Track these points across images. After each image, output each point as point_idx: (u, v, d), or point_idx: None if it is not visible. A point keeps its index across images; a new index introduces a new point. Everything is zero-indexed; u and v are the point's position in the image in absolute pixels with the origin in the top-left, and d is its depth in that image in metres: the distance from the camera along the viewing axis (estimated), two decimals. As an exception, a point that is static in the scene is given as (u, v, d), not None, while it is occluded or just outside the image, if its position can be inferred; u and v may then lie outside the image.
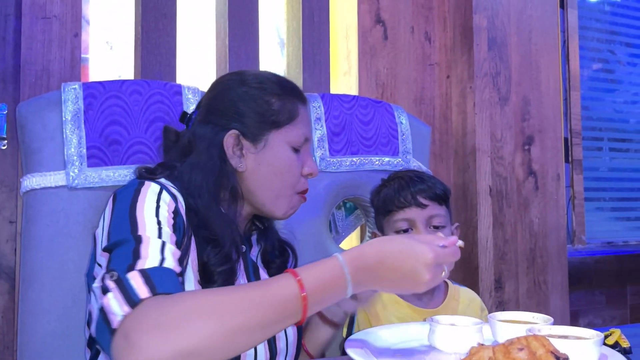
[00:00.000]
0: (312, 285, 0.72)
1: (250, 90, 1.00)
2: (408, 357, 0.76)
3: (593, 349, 0.69)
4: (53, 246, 1.10)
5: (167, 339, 0.65)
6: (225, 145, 0.98)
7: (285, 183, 0.99)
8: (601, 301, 2.40)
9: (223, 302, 0.68)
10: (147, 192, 0.88)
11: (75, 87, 1.16)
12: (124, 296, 0.70)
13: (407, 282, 0.75)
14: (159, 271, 0.75)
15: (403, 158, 1.55)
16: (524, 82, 2.07)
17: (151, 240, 0.79)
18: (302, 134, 1.00)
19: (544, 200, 2.08)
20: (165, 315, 0.67)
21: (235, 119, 0.99)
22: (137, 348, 0.64)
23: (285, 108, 0.99)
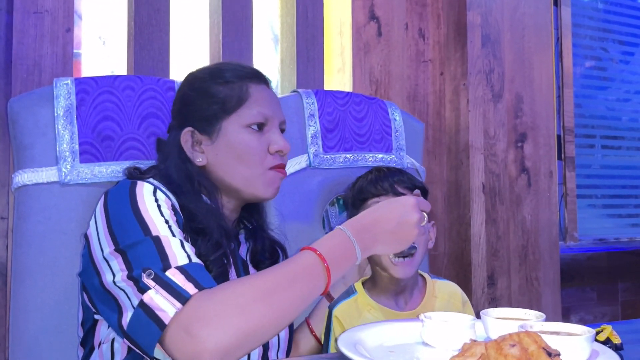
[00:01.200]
0: (330, 256, 0.80)
1: (197, 86, 1.03)
2: (401, 354, 0.76)
3: (585, 345, 0.70)
4: (45, 243, 1.10)
5: (228, 325, 0.72)
6: (183, 144, 1.01)
7: (249, 164, 0.99)
8: (592, 297, 2.42)
9: (266, 283, 0.77)
10: (142, 191, 0.89)
11: (68, 83, 1.15)
12: (171, 293, 0.75)
13: (401, 229, 0.86)
14: (193, 267, 0.80)
15: (396, 155, 1.55)
16: (517, 79, 2.08)
17: (170, 239, 0.82)
18: (257, 112, 0.99)
19: (537, 197, 2.09)
20: (222, 304, 0.73)
21: (188, 117, 1.02)
22: (201, 337, 0.71)
23: (233, 93, 1.00)
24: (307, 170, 1.43)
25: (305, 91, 1.47)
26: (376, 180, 1.11)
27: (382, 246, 0.87)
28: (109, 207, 0.88)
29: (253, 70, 1.06)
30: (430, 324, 0.78)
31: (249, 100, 1.00)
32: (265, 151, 1.00)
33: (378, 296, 1.09)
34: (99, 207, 0.90)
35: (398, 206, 0.87)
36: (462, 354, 0.68)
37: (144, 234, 0.82)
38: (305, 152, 1.43)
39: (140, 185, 0.90)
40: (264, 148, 1.00)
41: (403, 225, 0.86)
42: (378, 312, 1.08)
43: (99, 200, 0.92)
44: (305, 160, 1.42)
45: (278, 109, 1.04)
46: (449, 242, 2.02)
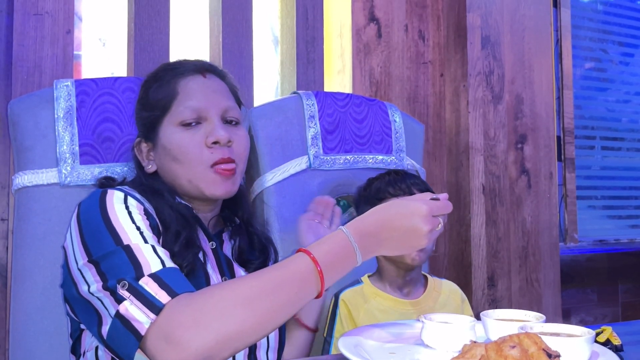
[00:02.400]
0: (326, 260, 0.77)
1: (140, 94, 1.04)
2: (401, 356, 0.76)
3: (585, 347, 0.70)
4: (45, 244, 1.10)
5: (210, 329, 0.70)
6: (137, 154, 1.02)
7: (187, 164, 0.94)
8: (593, 299, 2.41)
9: (249, 289, 0.74)
10: (113, 200, 0.88)
11: (68, 84, 1.15)
12: (145, 303, 0.74)
13: (409, 238, 0.80)
14: (167, 272, 0.78)
15: (397, 156, 1.55)
16: (517, 80, 2.08)
17: (141, 247, 0.81)
18: (186, 107, 0.95)
19: (537, 198, 2.09)
20: (200, 310, 0.72)
21: (138, 126, 1.04)
22: (182, 344, 0.70)
23: (161, 93, 0.97)
24: (307, 171, 1.43)
25: (305, 93, 1.47)
26: (394, 182, 1.19)
27: (385, 251, 0.83)
28: (81, 218, 0.87)
29: (188, 63, 1.01)
30: (430, 326, 0.78)
31: (178, 97, 0.96)
32: (201, 146, 0.94)
33: (383, 287, 1.18)
34: (73, 218, 0.89)
35: (408, 214, 0.80)
36: (462, 356, 0.68)
37: (115, 243, 0.81)
38: (306, 153, 1.43)
39: (111, 194, 0.89)
40: (199, 143, 0.94)
41: (411, 235, 0.80)
42: (383, 299, 1.16)
43: (73, 211, 0.91)
44: (305, 161, 1.42)
45: (217, 97, 0.97)
46: (449, 244, 2.02)
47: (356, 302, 1.14)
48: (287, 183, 1.40)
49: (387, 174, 1.24)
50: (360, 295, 1.16)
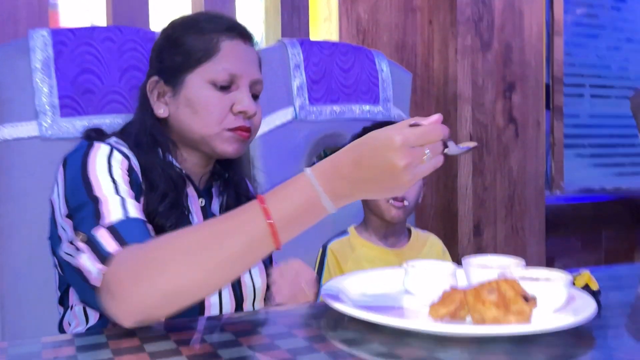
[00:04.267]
0: (282, 211, 0.68)
1: (169, 34, 0.99)
2: (384, 302, 0.78)
3: (561, 290, 0.71)
4: (29, 198, 1.09)
5: (150, 283, 0.67)
6: (148, 93, 0.98)
7: (207, 122, 0.93)
8: (577, 246, 2.47)
9: (196, 240, 0.70)
10: (96, 153, 0.87)
11: (44, 34, 1.12)
12: (96, 253, 0.73)
13: (384, 178, 0.67)
14: (125, 223, 0.76)
15: (383, 106, 1.53)
16: (506, 27, 2.04)
17: (109, 198, 0.80)
18: (223, 69, 0.93)
19: (524, 147, 2.10)
20: (142, 261, 0.69)
21: (156, 66, 0.99)
22: (123, 299, 0.68)
23: (201, 45, 0.94)
24: (293, 123, 1.41)
25: (290, 41, 1.44)
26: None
27: (361, 194, 0.70)
28: (66, 171, 0.87)
29: (231, 23, 0.99)
30: (412, 272, 0.80)
31: (218, 55, 0.94)
32: (226, 110, 0.94)
33: (369, 237, 1.22)
34: (59, 171, 0.89)
35: (380, 147, 0.67)
36: (442, 301, 0.69)
37: (87, 196, 0.80)
38: (291, 104, 1.41)
39: (96, 148, 0.88)
40: (225, 107, 0.94)
41: (386, 173, 0.67)
42: (369, 249, 1.20)
43: (58, 164, 0.90)
44: (291, 112, 1.41)
45: (251, 68, 0.97)
46: (436, 194, 2.03)
47: (344, 252, 1.17)
48: (273, 135, 1.38)
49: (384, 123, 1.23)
50: (347, 245, 1.19)
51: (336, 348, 0.63)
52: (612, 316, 0.77)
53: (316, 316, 0.76)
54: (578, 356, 0.61)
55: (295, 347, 0.63)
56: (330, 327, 0.70)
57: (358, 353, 0.61)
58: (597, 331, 0.69)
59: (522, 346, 0.62)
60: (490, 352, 0.61)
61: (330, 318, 0.73)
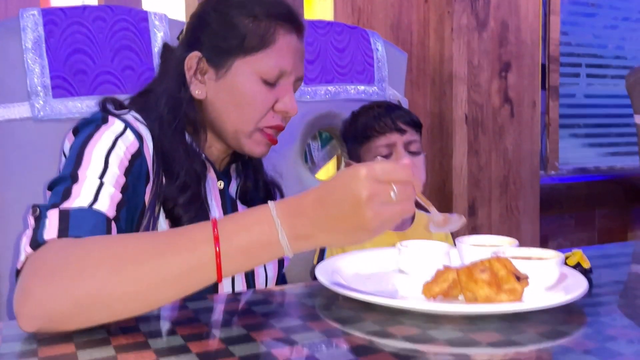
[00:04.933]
0: (233, 239, 0.61)
1: (224, 9, 0.90)
2: (377, 281, 0.79)
3: (553, 269, 0.72)
4: (23, 179, 1.09)
5: (63, 287, 0.59)
6: (186, 68, 0.90)
7: (245, 117, 0.89)
8: (570, 224, 2.48)
9: (129, 248, 0.61)
10: (105, 130, 0.82)
11: (34, 14, 1.10)
12: (33, 235, 0.66)
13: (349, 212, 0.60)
14: (82, 212, 0.70)
15: (379, 86, 1.53)
16: (502, 6, 2.03)
17: (88, 180, 0.74)
18: (276, 65, 0.88)
19: (519, 127, 2.10)
20: (64, 260, 0.61)
21: (202, 40, 0.90)
22: (32, 297, 0.59)
23: (258, 32, 0.87)
24: (287, 102, 1.41)
25: (284, 21, 1.43)
26: (379, 117, 1.19)
27: (326, 236, 0.62)
28: (73, 143, 0.83)
29: (289, 12, 0.91)
30: (405, 252, 0.80)
31: (272, 47, 0.88)
32: (268, 108, 0.89)
33: None
34: (67, 142, 0.86)
35: (344, 179, 0.61)
36: (435, 280, 0.70)
37: (70, 172, 0.75)
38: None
39: (109, 124, 0.83)
40: (268, 104, 0.89)
41: (349, 208, 0.60)
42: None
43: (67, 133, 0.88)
44: (285, 92, 1.40)
45: (300, 64, 0.92)
46: (431, 173, 2.04)
47: None
48: (268, 115, 1.38)
49: (370, 107, 1.24)
50: None
51: (330, 327, 0.63)
52: (604, 294, 0.78)
53: (310, 295, 0.77)
54: (569, 333, 0.61)
55: (289, 325, 0.64)
56: (324, 306, 0.71)
57: (352, 332, 0.62)
58: (588, 309, 0.70)
59: (514, 324, 0.63)
60: (482, 329, 0.61)
61: (324, 297, 0.74)
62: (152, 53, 1.17)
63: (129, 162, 0.81)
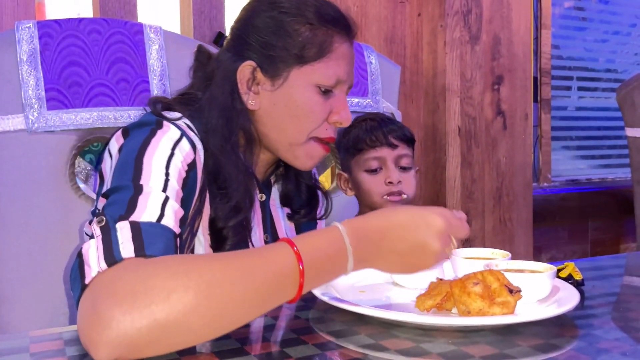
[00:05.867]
0: (310, 258, 0.62)
1: (277, 15, 0.85)
2: (371, 294, 0.79)
3: (546, 282, 0.73)
4: (16, 192, 1.08)
5: (148, 313, 0.54)
6: (239, 78, 0.86)
7: (302, 128, 0.86)
8: (564, 236, 2.49)
9: (214, 270, 0.59)
10: (163, 137, 0.77)
11: (30, 26, 1.11)
12: (105, 249, 0.62)
13: (415, 254, 0.67)
14: (153, 228, 0.65)
15: (372, 99, 1.54)
16: (495, 20, 2.05)
17: (153, 192, 0.69)
18: (333, 73, 0.85)
19: (512, 139, 2.11)
20: (147, 283, 0.56)
21: (255, 48, 0.86)
22: (113, 325, 0.54)
23: (316, 41, 0.84)
24: (282, 115, 1.41)
25: (278, 34, 1.44)
26: (371, 130, 1.19)
27: (384, 265, 0.69)
28: (124, 145, 0.78)
29: (345, 19, 0.88)
30: (399, 265, 0.80)
31: (329, 56, 0.85)
32: (324, 118, 0.86)
33: None
34: (115, 143, 0.81)
35: (422, 225, 0.66)
36: (429, 293, 0.70)
37: (131, 180, 0.70)
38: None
39: (165, 129, 0.79)
40: (324, 114, 0.86)
41: (419, 251, 0.67)
42: None
43: (114, 134, 0.83)
44: (279, 105, 1.40)
45: (352, 71, 0.89)
46: (425, 186, 2.04)
47: None
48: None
49: (363, 120, 1.24)
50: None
51: (324, 340, 0.63)
52: (596, 306, 0.78)
53: (304, 308, 0.77)
54: (562, 346, 0.62)
55: (282, 339, 0.64)
56: (318, 319, 0.71)
57: (345, 345, 0.62)
58: (581, 321, 0.70)
59: (506, 337, 0.63)
60: (475, 343, 0.62)
61: (317, 310, 0.74)
62: (147, 65, 1.18)
63: (185, 174, 0.78)
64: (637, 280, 0.99)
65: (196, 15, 1.61)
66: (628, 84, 2.07)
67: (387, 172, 1.18)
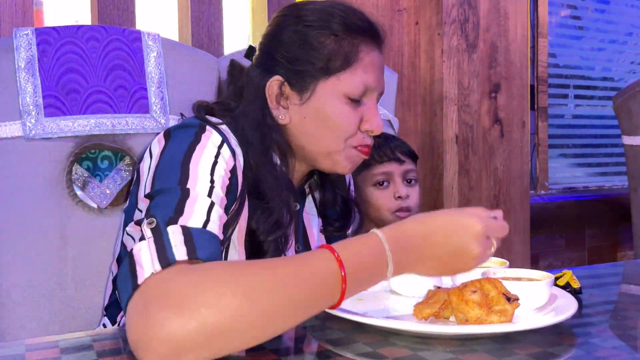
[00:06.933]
0: (352, 264, 0.63)
1: (302, 29, 0.85)
2: (369, 302, 0.78)
3: (544, 290, 0.73)
4: (13, 198, 1.08)
5: (199, 317, 0.55)
6: (268, 94, 0.87)
7: (336, 138, 0.86)
8: (561, 244, 2.49)
9: (262, 276, 0.60)
10: (207, 142, 0.78)
11: (28, 33, 1.11)
12: (158, 251, 0.62)
13: (455, 259, 0.68)
14: (202, 233, 0.66)
15: (370, 106, 1.54)
16: (492, 28, 2.06)
17: (200, 198, 0.70)
18: (361, 82, 0.84)
19: (509, 147, 2.12)
20: (195, 286, 0.58)
21: (281, 63, 0.86)
22: (156, 322, 0.55)
23: (341, 51, 0.84)
24: (279, 122, 1.41)
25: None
26: (378, 146, 1.24)
27: (424, 270, 0.69)
28: (167, 147, 0.78)
29: (371, 26, 0.87)
30: (397, 273, 0.80)
31: (356, 64, 0.84)
32: (355, 127, 0.86)
33: None
34: (157, 144, 0.81)
35: (460, 230, 0.68)
36: (426, 301, 0.70)
37: (178, 182, 0.71)
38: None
39: (208, 134, 0.79)
40: (355, 123, 0.86)
41: (459, 255, 0.68)
42: None
43: (158, 134, 0.83)
44: (277, 112, 1.41)
45: (382, 78, 0.88)
46: (422, 193, 2.04)
47: None
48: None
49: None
50: None
51: (322, 348, 0.63)
52: (594, 314, 0.78)
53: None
54: (559, 354, 0.62)
55: (280, 347, 0.64)
56: (316, 327, 0.71)
57: (343, 353, 0.61)
58: (578, 329, 0.70)
59: (504, 345, 0.63)
60: (473, 351, 0.61)
61: (315, 318, 0.73)
62: (145, 72, 1.18)
63: (228, 180, 0.78)
64: (635, 288, 0.99)
65: (194, 23, 1.61)
66: (624, 92, 2.08)
67: (395, 186, 1.25)
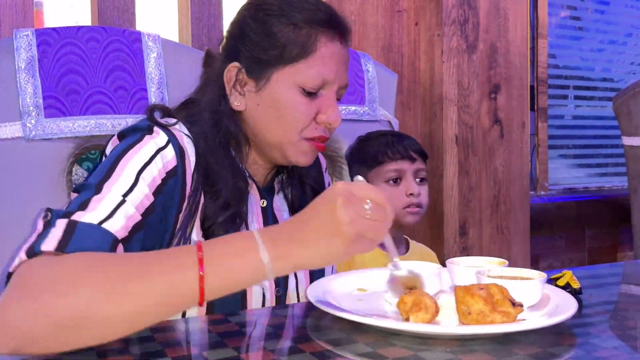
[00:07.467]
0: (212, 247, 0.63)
1: (263, 17, 0.85)
2: (368, 302, 0.78)
3: (536, 288, 0.73)
4: (13, 199, 1.08)
5: (44, 306, 0.57)
6: (225, 80, 0.87)
7: (289, 128, 0.85)
8: (561, 245, 2.49)
9: (115, 267, 0.61)
10: (146, 144, 0.79)
11: (28, 34, 1.11)
12: (33, 242, 0.65)
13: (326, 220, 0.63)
14: (89, 229, 0.67)
15: (370, 107, 1.54)
16: (491, 29, 2.06)
17: (110, 195, 0.72)
18: (317, 74, 0.83)
19: (509, 148, 2.12)
20: (49, 277, 0.59)
21: (242, 50, 0.86)
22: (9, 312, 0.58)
23: (298, 41, 0.83)
24: (279, 123, 1.41)
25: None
26: (392, 144, 1.29)
27: (303, 251, 0.64)
28: (115, 148, 0.80)
29: (331, 16, 0.86)
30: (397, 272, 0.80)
31: (313, 55, 0.83)
32: (311, 118, 0.85)
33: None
34: (110, 145, 0.84)
35: (319, 201, 0.65)
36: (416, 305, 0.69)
37: (99, 181, 0.73)
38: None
39: (153, 136, 0.80)
40: (311, 114, 0.85)
41: (325, 216, 0.63)
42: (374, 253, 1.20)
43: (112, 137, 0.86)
44: (277, 113, 1.41)
45: (344, 71, 0.87)
46: (423, 194, 2.04)
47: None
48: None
49: (382, 134, 1.33)
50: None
51: (321, 348, 0.63)
52: (594, 315, 0.78)
53: (301, 316, 0.77)
54: (559, 355, 0.62)
55: (280, 347, 0.64)
56: (315, 327, 0.71)
57: (343, 353, 0.62)
58: (578, 329, 0.70)
59: (504, 345, 0.63)
60: (473, 351, 0.61)
61: (315, 318, 0.73)
62: (145, 73, 1.18)
63: (161, 181, 0.79)
64: (635, 288, 0.99)
65: (194, 24, 1.61)
66: (624, 92, 2.08)
67: (407, 184, 1.28)
